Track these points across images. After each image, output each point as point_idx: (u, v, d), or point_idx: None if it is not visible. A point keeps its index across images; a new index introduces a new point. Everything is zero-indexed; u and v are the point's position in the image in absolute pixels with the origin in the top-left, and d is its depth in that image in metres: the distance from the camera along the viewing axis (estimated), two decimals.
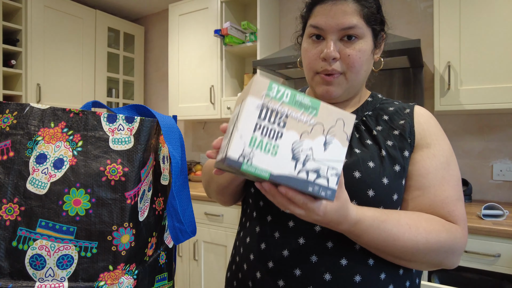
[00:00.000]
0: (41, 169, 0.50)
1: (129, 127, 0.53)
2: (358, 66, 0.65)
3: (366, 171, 0.61)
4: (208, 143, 2.94)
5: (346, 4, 0.63)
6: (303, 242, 0.62)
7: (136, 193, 0.51)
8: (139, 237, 0.52)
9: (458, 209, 0.62)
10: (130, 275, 0.51)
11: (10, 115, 0.52)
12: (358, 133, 0.67)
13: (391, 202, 0.61)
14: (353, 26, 0.63)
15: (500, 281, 1.46)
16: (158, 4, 3.09)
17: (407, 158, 0.64)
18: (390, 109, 0.71)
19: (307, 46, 0.68)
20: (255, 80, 0.42)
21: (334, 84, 0.66)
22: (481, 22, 1.59)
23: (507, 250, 1.31)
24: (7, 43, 2.33)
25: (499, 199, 1.83)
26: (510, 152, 1.81)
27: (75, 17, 2.68)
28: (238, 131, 0.40)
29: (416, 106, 0.70)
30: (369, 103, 0.73)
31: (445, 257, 0.59)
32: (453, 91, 1.65)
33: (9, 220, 0.48)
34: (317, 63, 0.66)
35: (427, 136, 0.66)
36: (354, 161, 0.62)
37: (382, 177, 0.61)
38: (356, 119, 0.68)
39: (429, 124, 0.67)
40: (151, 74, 3.33)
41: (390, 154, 0.63)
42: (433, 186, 0.62)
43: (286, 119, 0.42)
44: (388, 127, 0.67)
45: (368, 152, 0.63)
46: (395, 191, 0.62)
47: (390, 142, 0.65)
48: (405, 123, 0.67)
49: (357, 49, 0.64)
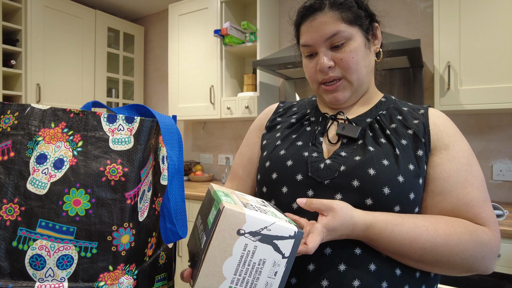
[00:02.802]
0: (41, 169, 0.50)
1: (129, 127, 0.53)
2: (354, 65, 0.66)
3: (381, 169, 0.60)
4: (208, 143, 2.94)
5: (324, 14, 0.66)
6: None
7: (136, 193, 0.51)
8: (139, 237, 0.52)
9: (485, 210, 0.59)
10: (130, 275, 0.51)
11: (11, 116, 0.53)
12: (372, 132, 0.67)
13: (407, 201, 0.60)
14: (336, 33, 0.65)
15: (500, 281, 1.46)
16: (158, 4, 3.09)
17: (421, 157, 0.63)
18: (404, 108, 0.71)
19: (305, 63, 0.72)
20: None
21: (338, 90, 0.69)
22: (481, 22, 1.59)
23: (507, 250, 1.31)
24: (7, 43, 2.33)
25: (499, 199, 1.83)
26: (510, 152, 1.81)
27: (75, 17, 2.68)
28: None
29: (430, 108, 0.71)
30: (382, 103, 0.73)
31: (474, 261, 0.57)
32: (453, 91, 1.65)
33: (9, 220, 0.48)
34: (316, 75, 0.70)
35: (444, 137, 0.65)
36: (368, 158, 0.62)
37: (397, 175, 0.60)
38: (370, 118, 0.70)
39: (445, 125, 0.66)
40: (151, 74, 3.33)
41: (405, 153, 0.63)
42: (455, 190, 0.60)
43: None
44: (402, 126, 0.67)
45: (382, 150, 0.63)
46: (412, 190, 0.60)
47: (404, 141, 0.64)
48: (419, 123, 0.67)
49: (347, 51, 0.66)
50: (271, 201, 0.69)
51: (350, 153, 0.64)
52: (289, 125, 0.75)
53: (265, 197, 0.70)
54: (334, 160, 0.64)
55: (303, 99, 0.85)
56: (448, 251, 0.55)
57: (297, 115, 0.78)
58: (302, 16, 0.70)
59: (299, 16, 0.71)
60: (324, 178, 0.63)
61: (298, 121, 0.76)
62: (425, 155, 0.64)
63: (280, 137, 0.73)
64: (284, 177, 0.66)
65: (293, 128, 0.74)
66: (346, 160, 0.63)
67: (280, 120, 0.79)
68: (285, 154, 0.68)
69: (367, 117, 0.70)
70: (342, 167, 0.62)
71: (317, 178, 0.63)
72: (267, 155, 0.72)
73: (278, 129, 0.77)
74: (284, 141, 0.72)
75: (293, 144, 0.70)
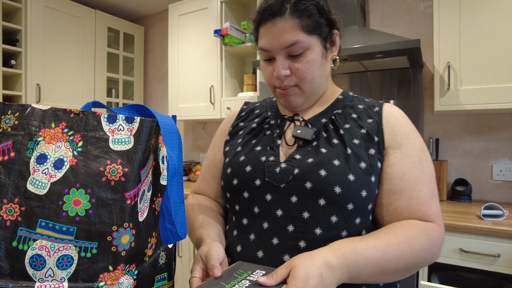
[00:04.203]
0: (42, 169, 0.50)
1: (129, 128, 0.53)
2: (310, 76, 0.68)
3: (332, 169, 0.62)
4: (207, 143, 2.94)
5: (285, 21, 0.65)
6: (276, 242, 0.63)
7: (136, 193, 0.51)
8: (139, 237, 0.52)
9: (432, 207, 0.64)
10: (130, 275, 0.51)
11: (12, 116, 0.53)
12: (326, 133, 0.69)
13: (360, 198, 0.62)
14: (294, 42, 0.65)
15: (500, 281, 1.46)
16: (158, 4, 3.09)
17: (373, 156, 0.65)
18: (360, 106, 0.73)
19: (263, 65, 0.73)
20: None
21: (291, 95, 0.70)
22: (481, 22, 1.59)
23: (507, 250, 1.31)
24: (7, 43, 2.33)
25: (499, 199, 1.83)
26: (510, 152, 1.81)
27: (75, 17, 2.68)
28: None
29: (385, 104, 0.72)
30: (339, 101, 0.75)
31: (432, 256, 0.62)
32: (453, 91, 1.65)
33: (9, 220, 0.48)
34: (273, 80, 0.71)
35: (397, 135, 0.67)
36: (320, 160, 0.64)
37: (348, 173, 0.62)
38: (325, 118, 0.72)
39: (398, 123, 0.68)
40: (151, 74, 3.33)
41: (355, 152, 0.65)
42: (409, 188, 0.64)
43: None
44: (356, 126, 0.69)
45: (334, 151, 0.65)
46: (363, 188, 0.63)
47: (357, 141, 0.67)
48: (372, 122, 0.69)
49: (304, 61, 0.66)
50: (235, 206, 0.71)
51: (303, 155, 0.67)
52: (250, 131, 0.78)
53: (229, 202, 0.73)
54: (289, 163, 0.67)
55: (266, 99, 0.87)
56: (414, 254, 0.58)
57: (258, 119, 0.80)
58: (261, 17, 0.69)
59: (258, 17, 0.70)
60: (280, 182, 0.65)
61: (259, 125, 0.78)
62: (378, 153, 0.66)
63: (241, 143, 0.76)
64: (244, 183, 0.69)
65: (253, 133, 0.77)
66: (299, 163, 0.65)
67: (242, 126, 0.82)
68: (245, 160, 0.71)
69: (323, 117, 0.72)
70: (295, 170, 0.65)
71: (274, 182, 0.66)
72: (228, 162, 0.75)
73: (240, 135, 0.80)
74: (244, 147, 0.74)
75: (252, 150, 0.72)
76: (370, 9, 2.19)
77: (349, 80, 2.23)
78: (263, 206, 0.66)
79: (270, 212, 0.65)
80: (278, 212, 0.64)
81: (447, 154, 1.98)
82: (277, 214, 0.64)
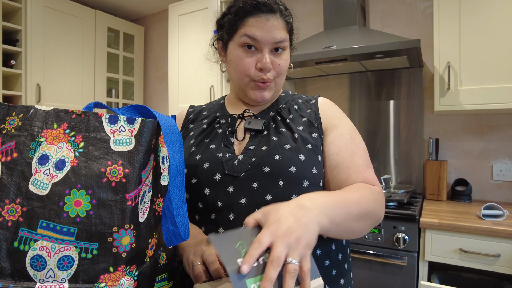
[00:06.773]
0: (43, 170, 0.50)
1: (130, 128, 0.53)
2: (284, 73, 0.77)
3: (285, 152, 0.70)
4: None
5: (277, 19, 0.72)
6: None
7: (136, 194, 0.52)
8: (139, 238, 0.52)
9: (370, 174, 0.73)
10: (131, 276, 0.51)
11: (16, 117, 0.53)
12: (274, 123, 0.77)
13: (312, 175, 0.70)
14: (283, 40, 0.73)
15: (500, 281, 1.46)
16: (158, 4, 3.09)
17: (316, 138, 0.74)
18: (299, 100, 0.83)
19: (241, 54, 0.73)
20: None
21: (267, 89, 0.76)
22: (481, 22, 1.59)
23: (507, 250, 1.32)
24: (7, 43, 2.33)
25: (499, 199, 1.84)
26: (510, 152, 1.82)
27: (74, 17, 2.68)
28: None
29: (319, 97, 0.83)
30: (282, 98, 0.84)
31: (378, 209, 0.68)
32: (453, 91, 1.65)
33: (11, 221, 0.48)
34: (252, 71, 0.73)
35: (331, 119, 0.78)
36: (272, 146, 0.71)
37: (299, 154, 0.70)
38: (272, 112, 0.80)
39: (331, 109, 0.80)
40: (151, 74, 3.33)
41: (302, 136, 0.73)
42: (346, 160, 0.72)
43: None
44: (298, 116, 0.78)
45: (283, 138, 0.73)
46: (313, 166, 0.70)
47: (301, 127, 0.75)
48: (311, 111, 0.79)
49: (284, 59, 0.75)
50: (197, 204, 0.72)
51: (257, 145, 0.73)
52: (202, 131, 0.81)
53: (190, 202, 0.73)
54: (245, 154, 0.72)
55: (211, 102, 0.92)
56: (368, 201, 0.64)
57: (208, 119, 0.83)
58: (255, 7, 0.71)
59: (251, 6, 0.71)
60: (240, 172, 0.70)
61: (209, 125, 0.82)
62: (319, 136, 0.75)
63: (194, 144, 0.78)
64: (204, 180, 0.71)
65: (205, 133, 0.80)
66: (255, 152, 0.72)
67: (192, 127, 0.84)
68: (201, 158, 0.74)
69: (270, 111, 0.81)
70: (253, 158, 0.70)
71: (234, 174, 0.70)
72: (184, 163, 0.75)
73: (191, 136, 0.81)
74: (198, 147, 0.77)
75: (207, 148, 0.75)
76: (370, 9, 2.19)
77: (349, 80, 2.23)
78: (226, 198, 0.68)
79: (234, 202, 0.68)
80: (242, 200, 0.68)
81: (447, 154, 1.98)
82: (241, 203, 0.67)
